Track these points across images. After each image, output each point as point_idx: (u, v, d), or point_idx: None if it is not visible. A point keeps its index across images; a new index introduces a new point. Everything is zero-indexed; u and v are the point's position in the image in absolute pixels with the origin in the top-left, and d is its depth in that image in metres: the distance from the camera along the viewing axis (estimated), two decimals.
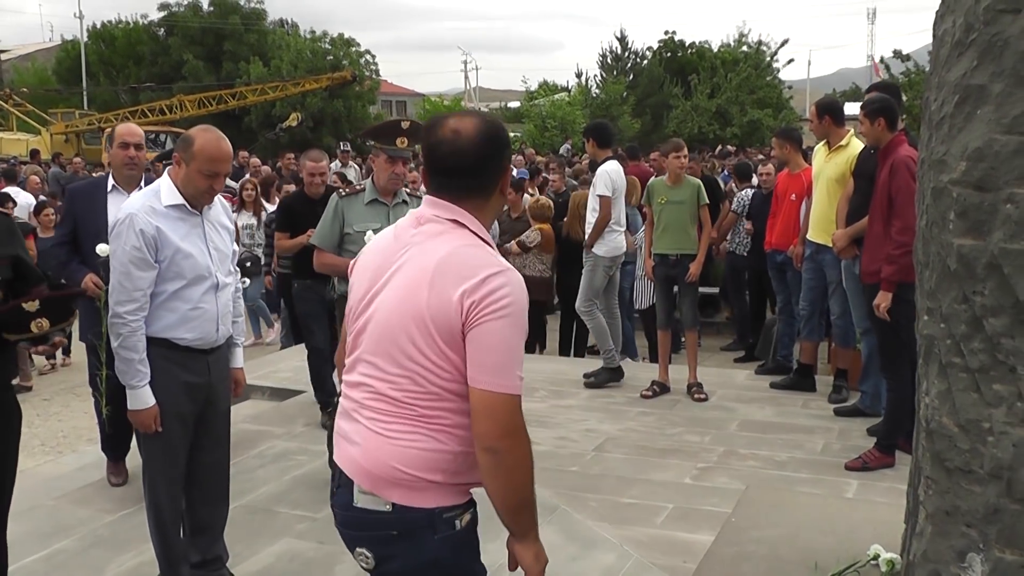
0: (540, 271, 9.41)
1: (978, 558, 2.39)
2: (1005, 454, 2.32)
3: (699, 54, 42.59)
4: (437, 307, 2.27)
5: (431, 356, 2.29)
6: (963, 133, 2.36)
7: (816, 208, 7.28)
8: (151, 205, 3.87)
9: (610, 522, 5.08)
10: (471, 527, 2.46)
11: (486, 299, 2.25)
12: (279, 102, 39.35)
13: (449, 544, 2.39)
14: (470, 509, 2.46)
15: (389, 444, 2.33)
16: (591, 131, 8.18)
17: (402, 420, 2.33)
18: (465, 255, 2.31)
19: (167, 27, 46.81)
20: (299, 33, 46.66)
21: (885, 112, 5.91)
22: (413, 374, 2.31)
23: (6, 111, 39.41)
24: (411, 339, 2.30)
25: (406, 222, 2.47)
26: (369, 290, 2.43)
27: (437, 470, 2.34)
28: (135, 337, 3.84)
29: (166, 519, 4.07)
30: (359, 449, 2.38)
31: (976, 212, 2.33)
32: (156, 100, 38.86)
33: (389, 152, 5.33)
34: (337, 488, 2.46)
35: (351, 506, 2.39)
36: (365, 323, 2.42)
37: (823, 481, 5.63)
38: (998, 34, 2.27)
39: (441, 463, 2.34)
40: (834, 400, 7.22)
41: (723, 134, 36.64)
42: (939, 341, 2.51)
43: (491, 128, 2.40)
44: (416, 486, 2.33)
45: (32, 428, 7.63)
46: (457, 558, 2.43)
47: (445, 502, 2.37)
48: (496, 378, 2.26)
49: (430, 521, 2.36)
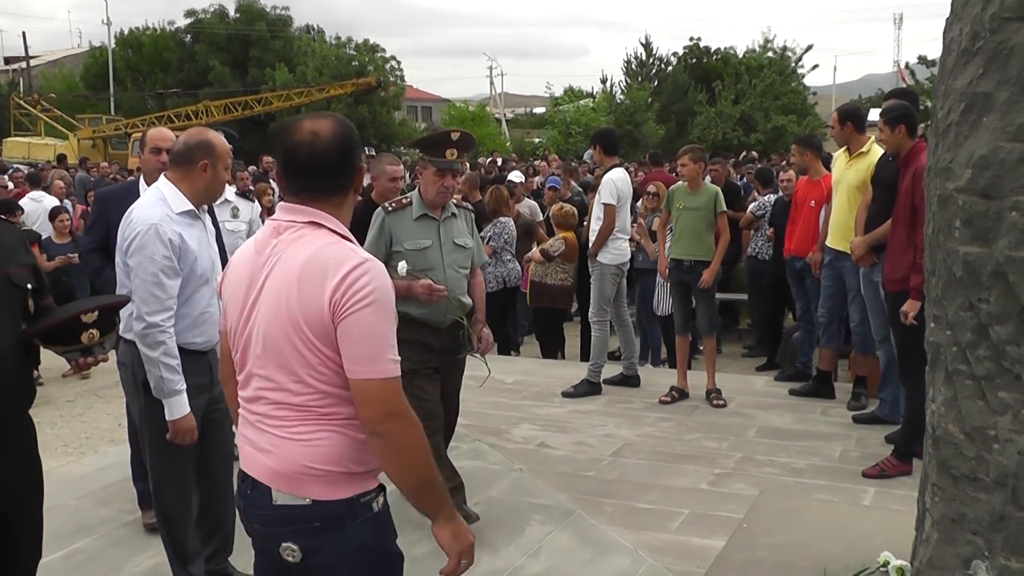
0: (562, 279, 9.41)
1: (983, 565, 2.40)
2: (1010, 462, 2.32)
3: (724, 60, 42.47)
4: (308, 309, 2.37)
5: (312, 358, 2.39)
6: (969, 141, 2.36)
7: (836, 215, 7.26)
8: (167, 214, 3.93)
9: (625, 527, 5.10)
10: (385, 509, 2.57)
11: (349, 291, 2.34)
12: (304, 108, 39.54)
13: (370, 527, 2.50)
14: (383, 492, 2.57)
15: (299, 446, 2.43)
16: (598, 138, 8.11)
17: (305, 422, 2.43)
18: (326, 254, 2.40)
19: (194, 33, 47.16)
20: (325, 39, 46.88)
21: (906, 119, 5.90)
22: (302, 377, 2.41)
23: (35, 116, 39.87)
24: (292, 345, 2.39)
25: (265, 234, 2.55)
26: (244, 307, 2.52)
27: (347, 461, 2.44)
28: (173, 343, 3.90)
29: (174, 517, 4.13)
30: (272, 456, 2.47)
31: (981, 220, 2.33)
32: (182, 106, 39.21)
33: (439, 165, 4.96)
34: (250, 491, 2.54)
35: (271, 505, 2.47)
36: (247, 339, 2.51)
37: (840, 488, 5.61)
38: (1004, 42, 2.27)
39: (349, 454, 2.45)
40: (853, 407, 7.20)
41: (747, 140, 36.48)
42: (945, 348, 2.51)
43: (346, 128, 2.51)
44: (331, 480, 2.43)
45: (55, 429, 7.71)
46: (379, 539, 2.54)
47: (360, 489, 2.48)
48: (368, 366, 2.36)
49: (350, 509, 2.46)
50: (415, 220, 5.04)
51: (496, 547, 4.86)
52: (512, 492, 5.65)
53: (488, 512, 5.17)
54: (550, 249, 9.35)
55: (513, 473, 5.97)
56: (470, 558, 2.54)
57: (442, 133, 5.07)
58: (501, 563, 4.71)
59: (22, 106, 41.26)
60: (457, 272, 5.08)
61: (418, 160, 5.18)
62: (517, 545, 4.91)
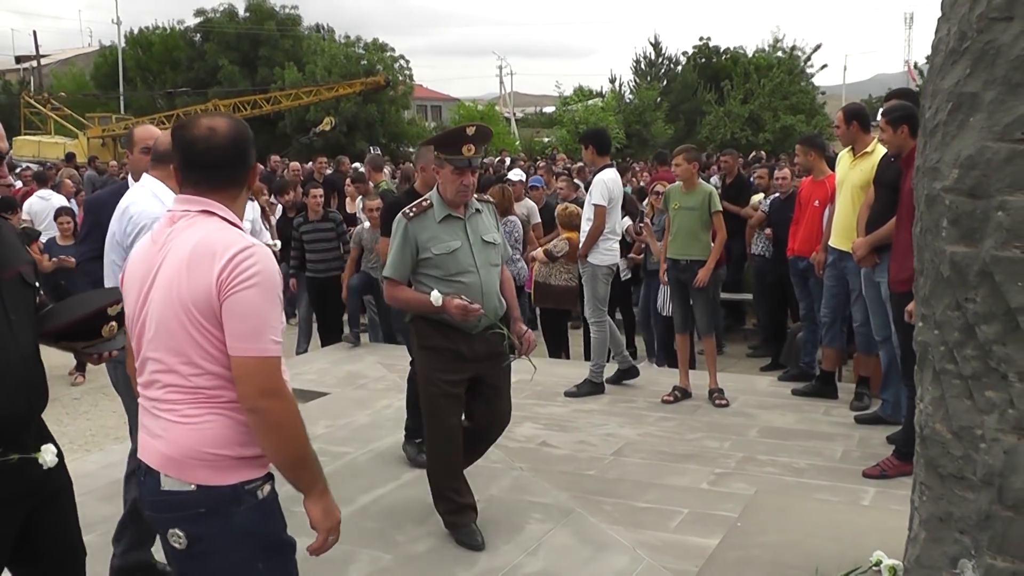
0: (566, 280, 9.40)
1: (970, 564, 2.40)
2: (997, 461, 2.33)
3: (733, 60, 42.46)
4: (196, 291, 2.46)
5: (200, 339, 2.48)
6: (956, 141, 2.37)
7: (839, 215, 7.26)
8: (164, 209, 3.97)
9: (624, 526, 5.11)
10: (273, 497, 2.65)
11: (234, 272, 2.45)
12: (313, 107, 39.69)
13: (255, 514, 2.57)
14: (270, 481, 2.65)
15: (187, 429, 2.51)
16: (592, 138, 8.02)
17: (193, 404, 2.52)
18: (215, 238, 2.51)
19: (203, 33, 47.33)
20: (334, 38, 46.96)
21: (908, 120, 5.90)
22: (191, 359, 2.49)
23: (45, 115, 40.03)
24: (182, 327, 2.49)
25: (162, 224, 2.65)
26: (140, 295, 2.61)
27: (234, 444, 2.53)
28: None
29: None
30: (163, 441, 2.55)
31: (968, 219, 2.34)
32: (191, 105, 39.39)
33: (456, 163, 4.69)
34: (143, 477, 2.61)
35: (159, 491, 2.55)
36: (143, 325, 2.60)
37: (841, 488, 5.61)
38: (991, 42, 2.28)
39: (235, 437, 2.53)
40: (855, 407, 7.20)
41: (756, 140, 36.48)
42: (933, 348, 2.52)
43: (240, 126, 2.66)
44: (218, 464, 2.51)
45: (61, 427, 7.77)
46: (265, 526, 2.61)
47: (246, 476, 2.56)
48: (249, 343, 2.45)
49: (235, 495, 2.54)
50: (439, 222, 4.77)
51: (495, 545, 4.88)
52: (512, 490, 5.66)
53: (488, 510, 5.18)
54: (554, 250, 9.35)
55: (514, 472, 5.98)
56: (336, 535, 2.68)
57: (457, 129, 4.81)
58: (499, 561, 4.73)
59: (32, 105, 41.47)
60: (491, 271, 4.85)
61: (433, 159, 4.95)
62: (516, 543, 4.93)
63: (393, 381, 8.29)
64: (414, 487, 5.66)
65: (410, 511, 5.33)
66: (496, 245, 4.92)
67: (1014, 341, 2.27)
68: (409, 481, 5.82)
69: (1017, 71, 2.23)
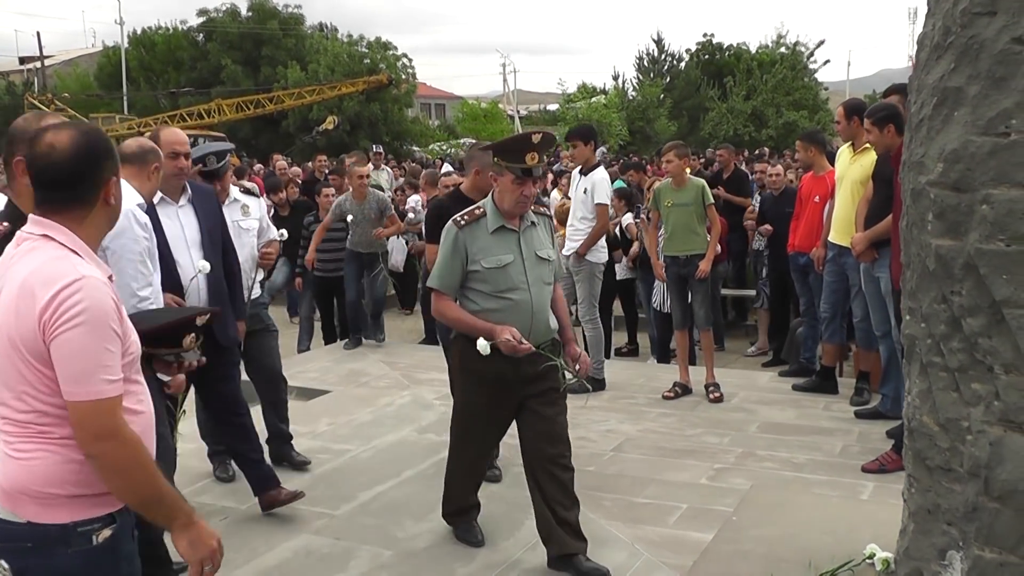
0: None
1: (958, 556, 2.42)
2: (983, 453, 2.34)
3: (736, 56, 42.42)
4: (24, 332, 2.32)
5: (31, 377, 2.33)
6: (940, 135, 2.38)
7: (839, 210, 7.26)
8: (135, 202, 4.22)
9: (623, 521, 5.12)
10: (111, 544, 2.45)
11: (58, 311, 2.29)
12: (316, 106, 39.69)
13: (83, 559, 2.40)
14: (111, 524, 2.45)
15: (17, 464, 2.37)
16: (587, 135, 7.92)
17: (24, 439, 2.37)
18: (44, 272, 2.34)
19: (206, 32, 47.34)
20: (337, 37, 46.98)
21: (893, 119, 5.96)
22: (23, 395, 2.35)
23: None
24: (13, 364, 2.35)
25: (11, 245, 2.49)
26: None
27: (65, 482, 2.37)
28: None
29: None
30: None
31: (953, 213, 2.35)
32: (195, 104, 39.44)
33: (517, 172, 4.36)
34: None
35: None
36: None
37: (840, 483, 5.62)
38: (974, 37, 2.29)
39: (67, 475, 2.37)
40: (855, 402, 7.20)
41: (759, 136, 36.45)
42: (920, 341, 2.54)
43: (87, 140, 2.43)
44: (48, 502, 2.36)
45: None
46: (91, 573, 2.42)
47: (80, 516, 2.39)
48: (79, 387, 2.30)
49: (63, 535, 2.37)
50: (491, 233, 4.44)
51: (494, 541, 4.90)
52: (512, 486, 5.67)
53: (487, 506, 5.19)
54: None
55: (514, 468, 5.99)
56: (215, 563, 2.51)
57: (522, 136, 4.51)
58: (498, 556, 4.74)
59: (36, 105, 41.44)
60: (543, 288, 4.52)
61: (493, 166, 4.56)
62: (515, 539, 4.94)
63: (395, 379, 8.32)
64: (415, 484, 5.69)
65: (410, 507, 5.36)
66: (550, 262, 4.60)
67: (999, 334, 2.28)
68: (410, 478, 5.85)
69: (1000, 65, 2.25)
